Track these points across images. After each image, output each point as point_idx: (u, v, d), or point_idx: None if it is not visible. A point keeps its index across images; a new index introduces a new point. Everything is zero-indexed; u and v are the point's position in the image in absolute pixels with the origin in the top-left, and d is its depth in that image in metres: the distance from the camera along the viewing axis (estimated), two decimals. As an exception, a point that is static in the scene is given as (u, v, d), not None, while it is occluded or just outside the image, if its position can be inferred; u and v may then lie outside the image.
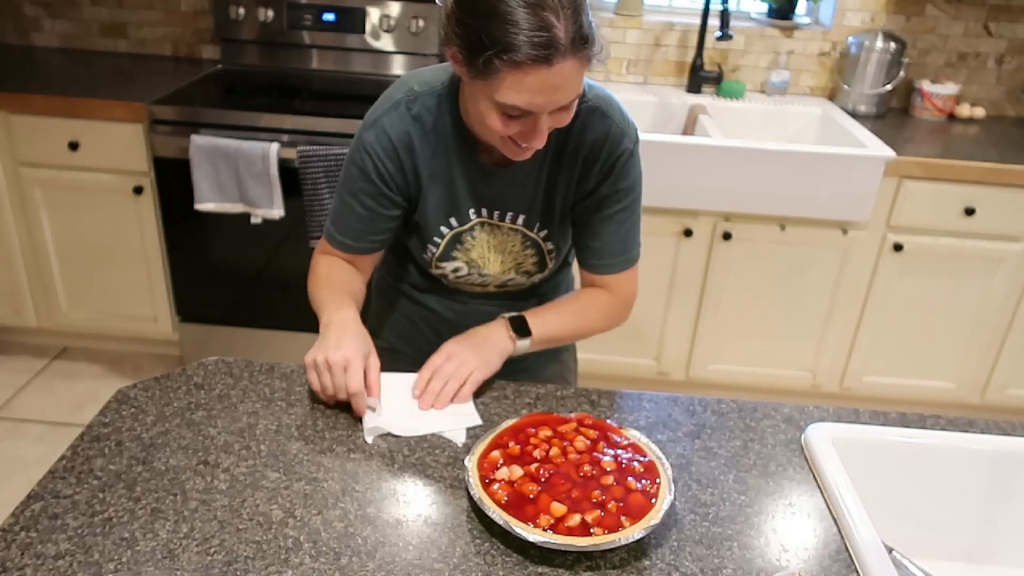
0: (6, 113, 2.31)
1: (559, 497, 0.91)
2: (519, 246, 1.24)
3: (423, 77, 1.16)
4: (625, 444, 1.01)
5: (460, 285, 1.30)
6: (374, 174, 1.16)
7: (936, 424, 1.16)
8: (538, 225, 1.22)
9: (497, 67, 0.94)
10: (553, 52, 0.92)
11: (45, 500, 0.92)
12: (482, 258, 1.25)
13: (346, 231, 1.23)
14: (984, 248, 2.33)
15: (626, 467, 0.96)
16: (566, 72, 0.95)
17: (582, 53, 0.95)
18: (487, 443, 1.00)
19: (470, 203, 1.20)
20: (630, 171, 1.18)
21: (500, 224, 1.22)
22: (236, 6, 2.63)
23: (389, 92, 1.17)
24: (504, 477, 0.94)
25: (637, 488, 0.93)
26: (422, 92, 1.14)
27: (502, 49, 0.92)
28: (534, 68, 0.93)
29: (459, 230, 1.22)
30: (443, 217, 1.21)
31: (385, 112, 1.14)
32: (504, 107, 0.99)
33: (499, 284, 1.29)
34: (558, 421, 1.04)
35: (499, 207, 1.21)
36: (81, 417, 2.45)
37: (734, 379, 2.57)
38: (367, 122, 1.16)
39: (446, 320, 1.34)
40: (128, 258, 2.50)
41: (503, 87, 0.96)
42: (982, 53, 2.68)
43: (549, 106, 0.98)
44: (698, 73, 2.68)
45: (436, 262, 1.25)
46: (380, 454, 1.03)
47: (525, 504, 0.90)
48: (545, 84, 0.95)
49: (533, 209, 1.21)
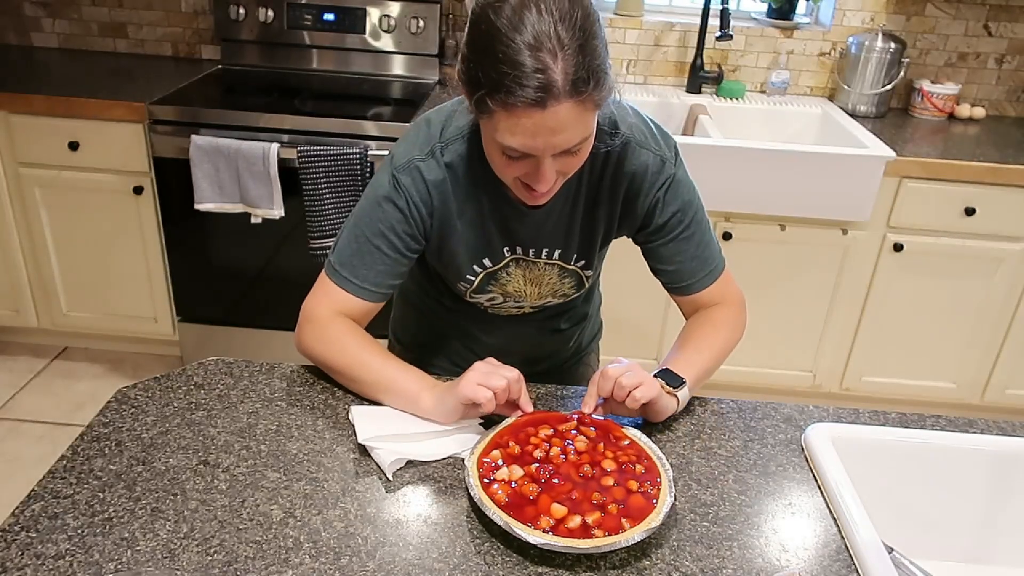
0: (6, 113, 2.31)
1: (559, 498, 0.91)
2: (556, 278, 1.22)
3: (453, 121, 1.11)
4: (625, 444, 1.01)
5: (497, 311, 1.28)
6: (408, 215, 1.10)
7: (936, 424, 1.16)
8: (575, 257, 1.19)
9: (491, 107, 0.90)
10: (545, 96, 0.87)
11: (45, 500, 0.92)
12: (518, 291, 1.22)
13: (365, 276, 1.12)
14: (984, 248, 2.33)
15: (627, 468, 0.96)
16: (563, 116, 0.89)
17: (583, 96, 0.89)
18: (487, 442, 1.00)
19: (503, 242, 1.16)
20: (677, 193, 1.14)
21: (536, 261, 1.19)
22: (236, 6, 2.63)
23: (419, 134, 1.11)
24: (504, 477, 0.94)
25: (638, 490, 0.93)
26: (452, 138, 1.10)
27: (493, 89, 0.88)
28: (526, 111, 0.88)
29: (492, 269, 1.19)
30: (476, 258, 1.17)
31: (423, 158, 1.09)
32: (503, 147, 0.95)
33: (536, 306, 1.27)
34: (558, 420, 1.04)
35: (533, 245, 1.17)
36: (81, 417, 2.45)
37: (734, 379, 2.57)
38: (401, 164, 1.09)
39: (479, 339, 1.33)
40: (128, 258, 2.50)
41: (499, 128, 0.93)
42: (982, 53, 2.68)
43: (548, 150, 0.93)
44: (698, 73, 2.68)
45: (471, 294, 1.23)
46: (380, 454, 1.03)
47: (525, 505, 0.90)
48: (540, 127, 0.90)
49: (570, 244, 1.18)
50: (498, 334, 1.32)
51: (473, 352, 1.34)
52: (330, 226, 2.24)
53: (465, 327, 1.33)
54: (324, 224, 2.23)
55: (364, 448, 1.03)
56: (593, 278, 1.27)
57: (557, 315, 1.33)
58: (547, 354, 1.38)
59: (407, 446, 1.02)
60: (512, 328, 1.31)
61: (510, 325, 1.31)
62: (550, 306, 1.29)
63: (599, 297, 1.46)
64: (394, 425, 1.05)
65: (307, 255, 2.27)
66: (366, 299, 1.13)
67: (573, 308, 1.35)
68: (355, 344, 1.11)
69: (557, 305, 1.30)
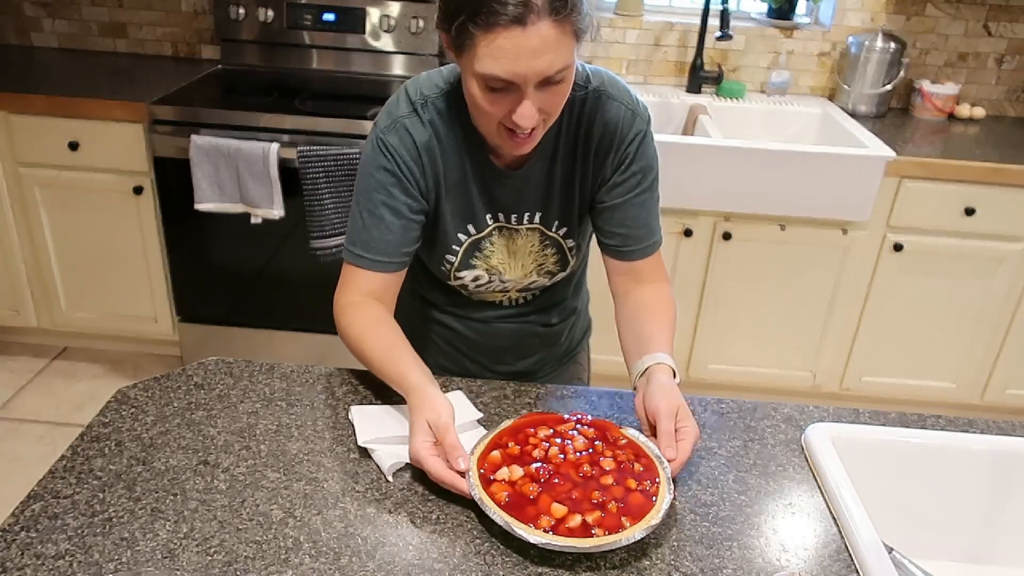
0: (6, 113, 2.31)
1: (559, 498, 0.91)
2: (538, 246, 1.21)
3: (430, 80, 1.13)
4: (624, 443, 1.01)
5: (481, 295, 1.27)
6: (403, 177, 1.10)
7: (936, 424, 1.16)
8: (557, 223, 1.19)
9: (471, 33, 0.91)
10: (525, 11, 0.88)
11: (45, 500, 0.92)
12: (502, 264, 1.22)
13: (379, 248, 1.12)
14: (984, 248, 2.33)
15: (625, 467, 0.96)
16: (543, 35, 0.90)
17: (562, 17, 0.91)
18: (487, 443, 1.00)
19: (485, 208, 1.17)
20: (645, 151, 1.15)
21: (517, 227, 1.19)
22: (236, 6, 2.63)
23: (399, 97, 1.12)
24: (504, 477, 0.94)
25: (637, 488, 0.93)
26: (431, 96, 1.11)
27: (473, 11, 0.90)
28: (507, 30, 0.90)
29: (476, 237, 1.18)
30: (461, 224, 1.17)
31: (406, 115, 1.10)
32: (485, 79, 0.95)
33: (521, 288, 1.26)
34: (557, 421, 1.04)
35: (515, 210, 1.18)
36: (81, 417, 2.45)
37: (734, 379, 2.57)
38: (385, 126, 1.10)
39: (469, 339, 1.33)
40: (128, 258, 2.50)
41: (480, 55, 0.93)
42: (982, 53, 2.68)
43: (530, 75, 0.93)
44: (698, 73, 2.68)
45: (454, 272, 1.21)
46: (380, 454, 1.03)
47: (526, 505, 0.90)
48: (521, 48, 0.91)
49: (550, 207, 1.18)
50: (488, 333, 1.31)
51: (463, 353, 1.34)
52: (330, 226, 2.24)
53: (456, 335, 1.32)
54: (324, 224, 2.23)
55: (364, 449, 1.03)
56: (577, 256, 1.25)
57: (546, 309, 1.33)
58: (538, 351, 1.37)
59: (407, 448, 1.02)
60: (502, 324, 1.31)
61: (499, 321, 1.30)
62: (538, 297, 1.29)
63: (587, 294, 1.45)
64: (394, 427, 1.05)
65: (307, 255, 2.27)
66: (386, 271, 1.14)
67: (562, 302, 1.35)
68: (361, 330, 1.11)
69: (545, 296, 1.30)
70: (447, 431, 0.96)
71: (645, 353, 1.10)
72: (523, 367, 1.37)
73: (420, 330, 1.35)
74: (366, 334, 1.11)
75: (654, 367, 1.07)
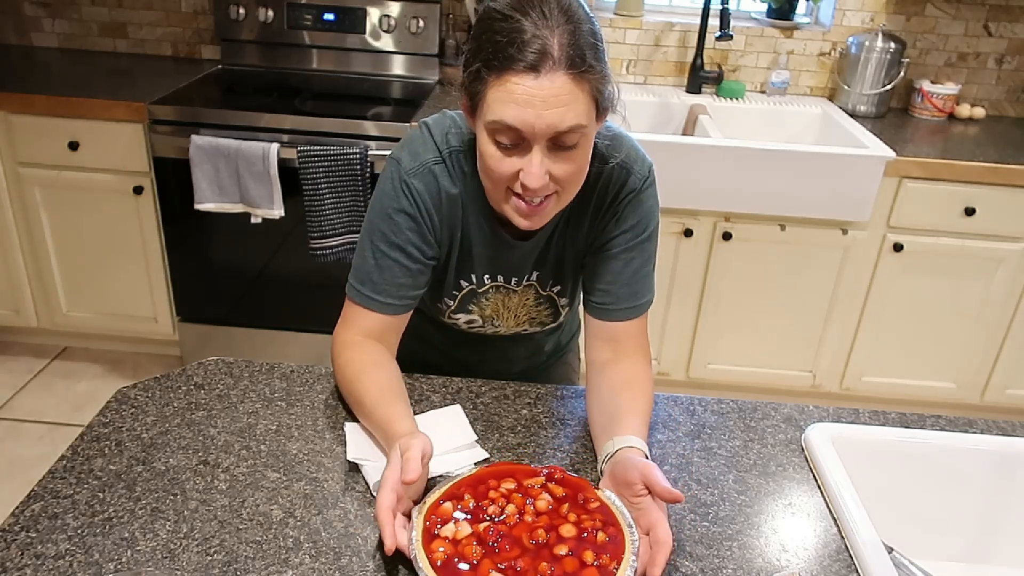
0: (6, 113, 2.31)
1: (503, 565, 0.82)
2: (532, 301, 1.21)
3: (457, 126, 1.09)
4: (595, 507, 0.89)
5: (474, 331, 1.26)
6: (423, 223, 1.08)
7: (936, 424, 1.16)
8: (551, 281, 1.19)
9: (484, 79, 0.90)
10: (541, 60, 0.87)
11: (45, 500, 0.92)
12: (496, 314, 1.22)
13: (388, 291, 1.09)
14: (984, 248, 2.33)
15: (588, 536, 0.86)
16: (558, 86, 0.88)
17: (579, 72, 0.89)
18: (443, 492, 0.91)
19: (486, 270, 1.16)
20: (637, 209, 1.10)
21: (516, 289, 1.19)
22: (236, 6, 2.63)
23: (424, 139, 1.09)
24: (449, 534, 0.85)
25: (592, 562, 0.82)
26: (456, 148, 1.08)
27: (490, 57, 0.89)
28: (519, 76, 0.88)
29: (474, 288, 1.18)
30: (461, 276, 1.17)
31: (435, 161, 1.07)
32: (494, 130, 0.93)
33: (512, 334, 1.27)
34: (526, 474, 0.94)
35: (515, 274, 1.17)
36: (81, 417, 2.45)
37: (734, 379, 2.57)
38: (412, 169, 1.06)
39: (463, 363, 1.32)
40: (128, 258, 2.50)
41: (490, 102, 0.91)
42: (982, 53, 2.68)
43: (539, 126, 0.90)
44: (698, 73, 2.68)
45: (450, 314, 1.22)
46: (380, 454, 1.03)
47: (463, 571, 0.81)
48: (532, 95, 0.88)
49: (546, 267, 1.17)
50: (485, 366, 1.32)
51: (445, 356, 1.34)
52: (330, 226, 2.24)
53: (438, 337, 1.31)
54: (324, 224, 2.23)
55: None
56: (569, 310, 1.25)
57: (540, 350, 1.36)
58: (523, 356, 1.37)
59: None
60: (495, 364, 1.33)
61: (495, 359, 1.33)
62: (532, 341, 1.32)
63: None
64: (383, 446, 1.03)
65: (307, 255, 2.27)
66: (392, 314, 1.11)
67: (557, 341, 1.38)
68: (358, 370, 1.07)
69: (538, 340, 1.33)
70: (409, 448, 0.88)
71: (616, 434, 0.99)
72: (508, 369, 1.37)
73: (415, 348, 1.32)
74: (363, 374, 1.06)
75: (625, 450, 0.96)
